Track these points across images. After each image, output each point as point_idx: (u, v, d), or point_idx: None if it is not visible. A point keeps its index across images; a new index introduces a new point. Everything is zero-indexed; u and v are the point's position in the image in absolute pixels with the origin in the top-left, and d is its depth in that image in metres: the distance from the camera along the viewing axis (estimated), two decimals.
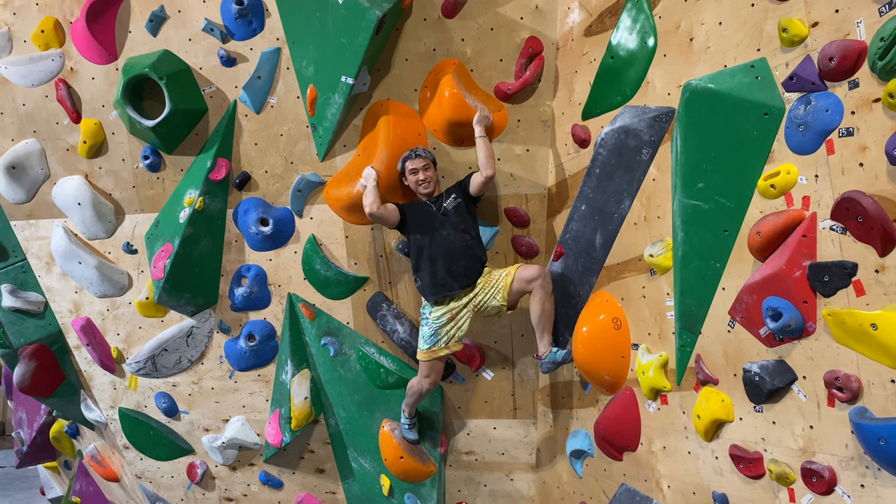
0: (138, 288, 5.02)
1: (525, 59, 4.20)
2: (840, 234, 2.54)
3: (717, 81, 2.93)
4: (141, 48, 4.63)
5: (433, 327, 4.13)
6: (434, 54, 4.30)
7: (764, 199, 2.84)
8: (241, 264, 4.82)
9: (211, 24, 4.46)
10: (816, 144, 2.62)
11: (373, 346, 4.71)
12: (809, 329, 2.67)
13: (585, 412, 4.12)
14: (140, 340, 5.12)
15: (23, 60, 4.80)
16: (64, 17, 4.72)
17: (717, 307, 3.08)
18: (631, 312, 3.68)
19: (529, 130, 4.30)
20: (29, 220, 5.12)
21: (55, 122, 4.88)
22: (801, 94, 2.69)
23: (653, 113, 3.43)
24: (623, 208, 3.67)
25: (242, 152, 4.66)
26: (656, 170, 3.45)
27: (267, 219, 4.69)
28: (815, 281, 2.62)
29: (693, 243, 3.11)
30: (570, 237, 4.04)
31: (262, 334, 4.86)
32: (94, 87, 4.76)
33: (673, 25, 3.35)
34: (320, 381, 4.82)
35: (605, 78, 3.78)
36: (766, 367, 2.84)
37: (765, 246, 2.80)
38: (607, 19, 3.79)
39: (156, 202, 4.87)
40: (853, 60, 2.48)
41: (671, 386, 3.39)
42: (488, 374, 4.63)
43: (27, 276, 5.24)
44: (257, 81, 4.49)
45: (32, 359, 5.25)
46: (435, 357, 4.17)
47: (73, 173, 4.95)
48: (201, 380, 5.10)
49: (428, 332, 4.15)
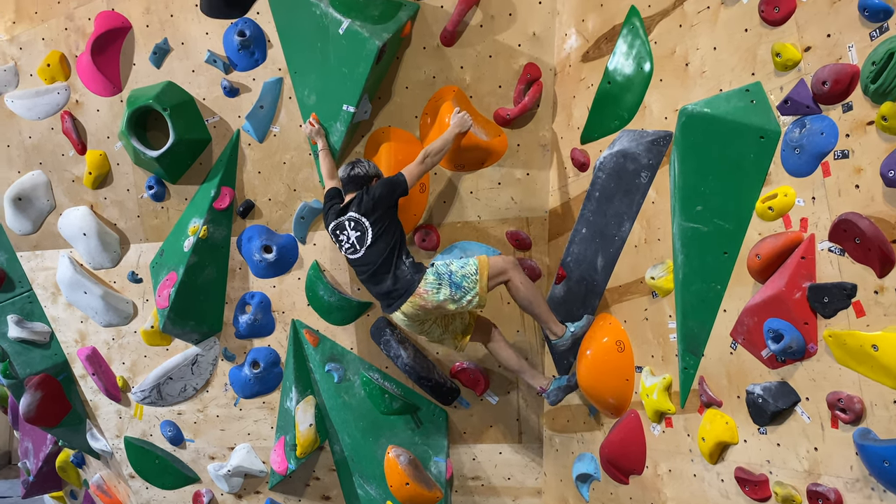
0: (143, 317, 5.05)
1: (523, 84, 4.25)
2: (838, 256, 2.55)
3: (713, 105, 2.96)
4: (145, 80, 4.69)
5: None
6: (434, 82, 4.35)
7: (762, 221, 2.86)
8: (244, 291, 4.85)
9: (214, 55, 4.53)
10: (812, 167, 2.65)
11: (377, 371, 4.71)
12: (811, 350, 2.67)
13: (591, 435, 4.11)
14: (145, 369, 5.13)
15: (29, 94, 4.87)
16: (69, 50, 4.79)
17: (719, 329, 3.09)
18: (634, 335, 3.69)
19: (529, 155, 4.33)
20: (35, 250, 5.16)
21: (61, 153, 4.93)
22: (795, 118, 2.72)
23: (650, 137, 3.47)
24: (623, 231, 3.69)
25: (246, 181, 4.70)
26: (655, 192, 3.48)
27: (270, 246, 4.72)
28: (815, 302, 2.63)
29: (693, 265, 3.12)
30: (571, 260, 4.06)
31: (266, 361, 4.87)
32: (99, 118, 4.82)
33: (668, 50, 3.40)
34: (325, 408, 4.82)
35: (602, 102, 3.82)
36: (769, 389, 2.84)
37: (764, 268, 2.82)
38: (604, 45, 3.84)
39: (160, 231, 4.91)
40: (846, 84, 2.51)
41: (675, 408, 3.39)
42: (493, 399, 4.62)
43: (33, 307, 5.26)
44: (260, 111, 4.55)
45: (38, 389, 5.26)
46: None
47: (79, 204, 4.99)
48: (206, 408, 5.10)
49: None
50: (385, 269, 3.83)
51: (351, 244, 3.92)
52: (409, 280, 3.79)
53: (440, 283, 3.75)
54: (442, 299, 3.74)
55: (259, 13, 4.41)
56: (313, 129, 4.27)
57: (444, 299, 3.74)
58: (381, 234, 3.84)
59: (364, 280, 3.99)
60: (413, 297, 3.76)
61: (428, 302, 3.75)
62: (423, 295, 3.75)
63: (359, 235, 3.86)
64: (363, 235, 3.85)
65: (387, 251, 3.83)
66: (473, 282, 3.76)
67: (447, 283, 3.75)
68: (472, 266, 3.81)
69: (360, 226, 3.86)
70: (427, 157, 3.96)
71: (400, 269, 3.83)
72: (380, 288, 3.89)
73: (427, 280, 3.76)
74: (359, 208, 3.88)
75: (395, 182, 3.90)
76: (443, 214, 4.48)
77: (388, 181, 3.91)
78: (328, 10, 4.09)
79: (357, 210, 3.88)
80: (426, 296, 3.74)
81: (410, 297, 3.76)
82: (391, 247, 3.85)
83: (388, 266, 3.82)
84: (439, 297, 3.74)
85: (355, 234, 3.88)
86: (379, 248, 3.83)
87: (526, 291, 3.86)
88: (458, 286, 3.75)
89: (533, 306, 3.89)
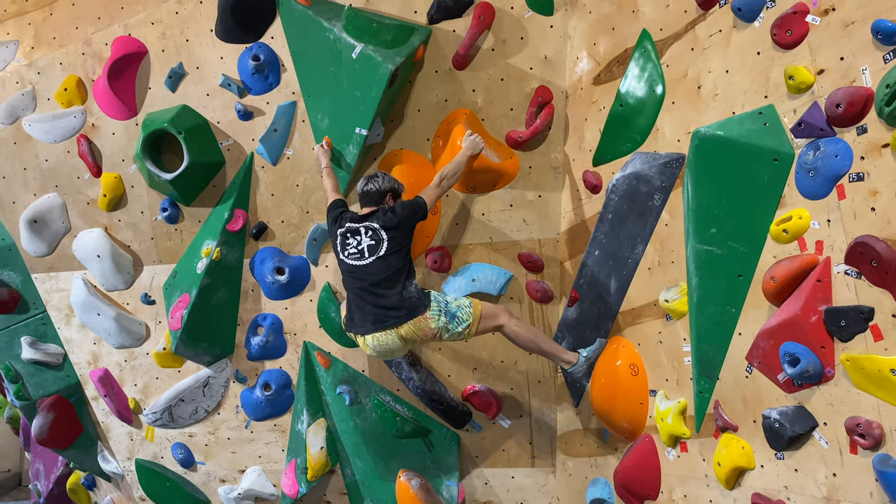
0: (156, 338, 5.06)
1: (535, 107, 4.26)
2: (855, 279, 2.53)
3: (726, 128, 2.96)
4: (160, 103, 4.75)
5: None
6: (446, 105, 4.38)
7: (777, 243, 2.85)
8: (257, 313, 4.86)
9: (228, 79, 4.58)
10: (827, 189, 2.64)
11: (388, 394, 4.70)
12: (828, 374, 2.64)
13: (604, 460, 4.07)
14: (157, 391, 5.13)
15: (46, 118, 4.93)
16: (86, 75, 4.86)
17: (734, 353, 3.06)
18: (648, 358, 3.66)
19: (541, 177, 4.34)
20: (50, 272, 5.19)
21: (76, 176, 4.98)
22: (809, 140, 2.71)
23: (663, 159, 3.47)
24: (637, 253, 3.68)
25: (259, 203, 4.73)
26: (668, 215, 3.47)
27: (283, 268, 4.73)
28: (831, 326, 2.60)
29: (708, 288, 3.10)
30: (584, 282, 4.05)
31: (277, 383, 4.86)
32: (115, 141, 4.87)
33: (680, 73, 3.41)
34: (336, 431, 4.80)
35: (614, 125, 3.83)
36: (786, 414, 2.80)
37: (779, 291, 2.79)
38: (615, 68, 3.86)
39: (174, 253, 4.94)
40: (860, 106, 2.51)
41: (690, 433, 3.35)
42: (505, 422, 4.59)
43: (47, 328, 5.29)
44: (274, 134, 4.59)
45: (51, 410, 5.27)
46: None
47: (94, 226, 5.04)
48: (217, 430, 5.09)
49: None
50: (390, 284, 3.80)
51: (359, 250, 3.85)
52: (416, 301, 3.79)
53: (439, 311, 3.79)
54: (438, 327, 3.78)
55: (273, 38, 4.47)
56: (321, 149, 4.32)
57: (439, 327, 3.78)
58: (396, 251, 3.83)
59: (358, 290, 3.87)
60: (418, 320, 3.75)
61: (428, 328, 3.77)
62: (429, 317, 3.76)
63: (372, 245, 3.83)
64: (377, 245, 3.82)
65: (397, 267, 3.81)
66: (468, 314, 3.82)
67: (444, 311, 3.80)
68: (465, 301, 3.88)
69: (377, 236, 3.83)
70: (443, 181, 3.98)
71: (408, 289, 3.82)
72: (378, 301, 3.80)
73: (431, 307, 3.79)
74: (381, 222, 3.85)
75: (417, 205, 3.90)
76: (455, 237, 4.48)
77: (411, 204, 3.91)
78: (341, 35, 4.14)
79: (378, 222, 3.86)
80: (430, 322, 3.76)
81: (415, 318, 3.75)
82: (402, 265, 3.85)
83: (394, 283, 3.80)
84: (438, 324, 3.77)
85: (369, 241, 3.84)
86: (389, 263, 3.81)
87: (524, 332, 3.90)
88: (453, 316, 3.80)
89: (537, 343, 3.91)
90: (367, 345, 3.87)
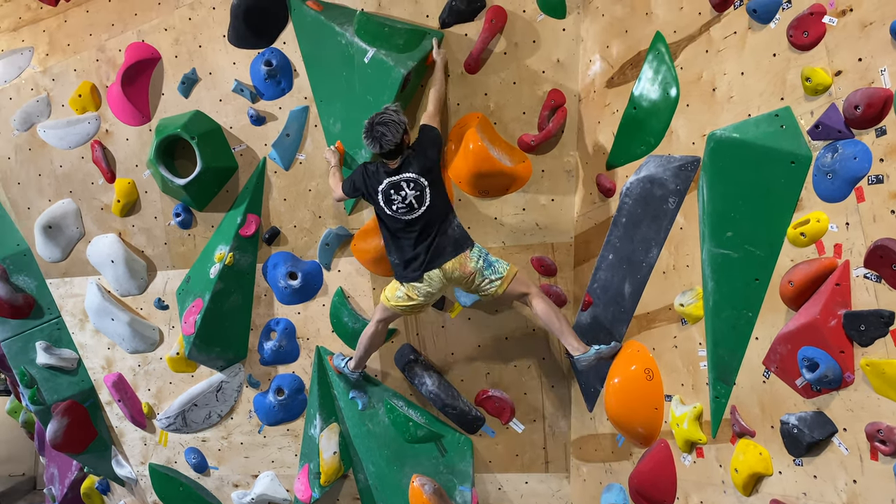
0: (169, 343, 5.07)
1: (548, 111, 4.25)
2: (875, 283, 2.49)
3: (742, 131, 2.93)
4: (173, 109, 4.77)
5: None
6: (458, 108, 4.37)
7: (794, 247, 2.81)
8: (270, 318, 4.86)
9: (241, 84, 4.59)
10: (846, 192, 2.60)
11: (401, 399, 4.68)
12: (848, 379, 2.61)
13: (619, 465, 4.04)
14: (170, 396, 5.15)
15: (61, 124, 4.97)
16: (100, 81, 4.89)
17: (751, 357, 3.03)
18: (663, 363, 3.63)
19: (554, 180, 4.32)
20: (64, 277, 5.22)
21: (90, 182, 5.01)
22: (827, 142, 2.68)
23: (678, 162, 3.44)
24: (651, 257, 3.65)
25: (272, 208, 4.74)
26: (683, 218, 3.44)
27: (295, 272, 4.73)
28: (851, 330, 2.57)
29: (724, 292, 3.07)
30: (598, 286, 4.02)
31: (290, 388, 4.86)
32: (129, 147, 4.90)
33: (695, 76, 3.38)
34: (349, 436, 4.79)
35: (628, 128, 3.81)
36: (805, 419, 2.77)
37: (797, 295, 2.76)
38: (629, 71, 3.83)
39: (187, 258, 4.95)
40: (879, 108, 2.48)
41: (707, 438, 3.32)
42: (519, 427, 4.57)
43: (61, 333, 5.32)
44: (286, 139, 4.59)
45: (65, 415, 5.29)
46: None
47: (107, 231, 5.06)
48: (231, 435, 5.10)
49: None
50: (441, 226, 3.94)
51: (407, 204, 3.91)
52: (460, 237, 3.96)
53: (479, 255, 3.94)
54: (476, 268, 3.90)
55: (285, 43, 4.47)
56: (331, 152, 4.38)
57: (476, 269, 3.90)
58: (438, 194, 3.95)
59: (409, 240, 3.94)
60: (461, 256, 3.90)
61: (467, 266, 3.90)
62: (469, 257, 3.90)
63: (417, 195, 3.90)
64: (422, 196, 3.90)
65: (444, 210, 3.96)
66: (504, 268, 3.94)
67: (483, 257, 3.94)
68: (503, 262, 4.00)
69: (418, 185, 3.90)
70: (439, 103, 4.17)
71: (451, 227, 3.97)
72: (425, 244, 3.92)
73: (473, 248, 3.94)
74: (418, 169, 3.91)
75: (437, 138, 4.04)
76: None
77: (433, 140, 4.01)
78: (354, 40, 4.15)
79: (415, 171, 3.91)
80: (470, 262, 3.90)
81: (459, 255, 3.90)
82: (446, 206, 3.98)
83: (444, 223, 3.94)
84: (476, 265, 3.90)
85: (413, 192, 3.90)
86: (438, 208, 3.93)
87: (548, 307, 3.95)
88: (490, 264, 3.94)
89: (557, 322, 3.92)
90: (416, 290, 3.97)
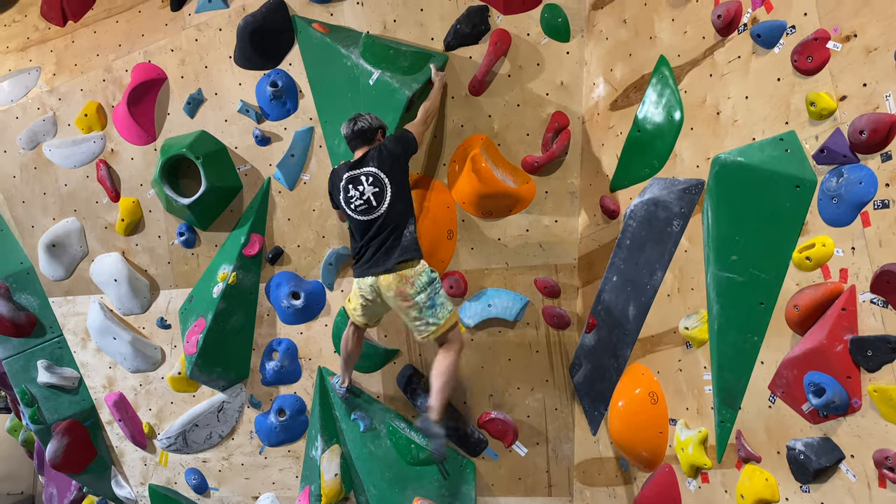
0: (171, 363, 5.06)
1: (551, 133, 4.26)
2: (881, 308, 2.48)
3: (747, 155, 2.94)
4: (179, 129, 4.79)
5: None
6: (462, 130, 4.39)
7: (800, 271, 2.80)
8: (272, 338, 4.85)
9: (246, 105, 4.61)
10: (851, 217, 2.60)
11: (403, 420, 4.65)
12: (855, 405, 2.58)
13: (623, 490, 4.00)
14: (171, 416, 5.12)
15: (66, 143, 4.99)
16: (107, 101, 4.91)
17: (757, 381, 3.01)
18: (667, 386, 3.61)
19: (557, 202, 4.32)
20: (67, 296, 5.22)
21: (95, 200, 5.02)
22: (832, 167, 2.68)
23: (682, 185, 3.44)
24: (655, 280, 3.64)
25: (275, 227, 4.74)
26: (688, 241, 3.44)
27: (298, 292, 4.73)
28: (857, 355, 2.55)
29: (729, 316, 3.06)
30: (602, 308, 4.01)
31: (292, 409, 4.83)
32: (133, 166, 4.92)
33: (699, 99, 3.39)
34: (350, 457, 4.75)
35: (632, 150, 3.81)
36: (812, 445, 2.74)
37: (803, 319, 2.75)
38: (632, 94, 3.85)
39: (190, 277, 4.95)
40: (884, 133, 2.47)
41: (712, 463, 3.29)
42: (522, 450, 4.53)
43: (63, 352, 5.31)
44: (291, 159, 4.61)
45: (65, 435, 5.26)
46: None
47: (111, 250, 5.06)
48: (231, 455, 5.06)
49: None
50: (393, 229, 3.81)
51: (365, 200, 3.81)
52: (410, 245, 3.79)
53: (425, 288, 3.78)
54: (417, 301, 3.77)
55: (291, 64, 4.50)
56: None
57: (416, 302, 3.77)
58: (399, 194, 3.83)
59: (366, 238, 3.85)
60: (402, 275, 3.75)
61: (406, 291, 3.75)
62: (412, 282, 3.75)
63: (377, 192, 3.79)
64: (382, 193, 3.79)
65: (404, 214, 3.84)
66: (445, 315, 3.83)
67: (430, 293, 3.79)
68: (449, 306, 3.88)
69: (378, 182, 3.79)
70: (427, 117, 4.07)
71: (406, 232, 3.83)
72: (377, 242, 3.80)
73: (420, 277, 3.78)
74: (378, 163, 3.82)
75: (409, 139, 3.92)
76: (471, 261, 4.47)
77: (403, 138, 3.92)
78: (359, 62, 4.17)
79: (375, 164, 3.82)
80: (410, 288, 3.75)
81: (404, 267, 3.75)
82: (407, 210, 3.86)
83: (398, 228, 3.81)
84: (417, 297, 3.76)
85: (372, 189, 3.80)
86: (397, 211, 3.82)
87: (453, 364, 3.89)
88: (433, 306, 3.80)
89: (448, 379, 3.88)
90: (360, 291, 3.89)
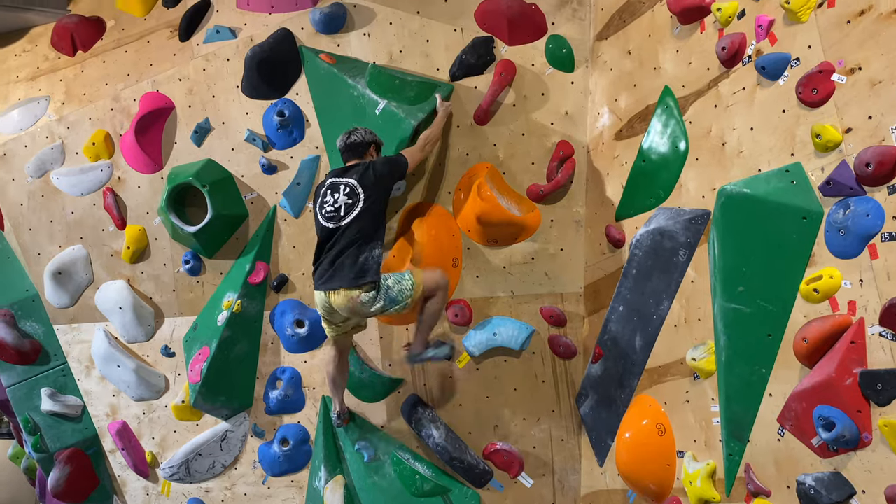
0: (175, 391, 5.03)
1: (556, 161, 4.27)
2: (891, 341, 2.46)
3: (753, 186, 2.94)
4: (186, 157, 4.82)
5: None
6: (467, 159, 4.40)
7: (808, 303, 2.78)
8: (276, 366, 4.82)
9: (253, 134, 4.64)
10: (859, 249, 2.59)
11: (408, 451, 4.61)
12: (865, 440, 2.55)
13: None
14: (174, 445, 5.08)
15: (74, 171, 5.02)
16: (114, 129, 4.95)
17: (765, 414, 2.98)
18: (675, 418, 3.57)
19: (563, 231, 4.32)
20: (72, 323, 5.21)
21: (101, 228, 5.04)
22: (838, 199, 2.68)
23: (688, 215, 3.44)
24: (662, 310, 3.62)
25: (281, 255, 4.75)
26: (694, 272, 3.43)
27: (303, 320, 4.71)
28: (867, 389, 2.52)
29: (736, 347, 3.04)
30: (608, 338, 3.98)
31: (295, 439, 4.80)
32: (140, 195, 4.94)
33: (704, 130, 3.40)
34: (354, 488, 4.70)
35: (637, 180, 3.82)
36: (822, 480, 2.70)
37: (811, 352, 2.72)
38: (637, 124, 3.86)
39: (195, 305, 4.94)
40: (890, 166, 2.47)
41: (720, 497, 3.24)
42: (528, 482, 4.48)
43: (67, 380, 5.29)
44: (297, 187, 4.63)
45: (68, 463, 5.22)
46: None
47: (116, 278, 5.07)
48: (234, 485, 5.02)
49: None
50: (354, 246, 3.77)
51: (335, 208, 3.81)
52: (365, 268, 3.75)
53: (376, 298, 3.79)
54: (374, 310, 3.82)
55: (298, 94, 4.54)
56: None
57: (374, 311, 3.83)
58: (370, 212, 3.80)
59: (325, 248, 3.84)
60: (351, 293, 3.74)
61: (359, 309, 3.81)
62: (358, 299, 3.76)
63: (349, 203, 3.79)
64: (353, 206, 3.78)
65: (369, 233, 3.80)
66: (407, 296, 3.86)
67: (383, 297, 3.80)
68: (407, 282, 3.88)
69: (354, 194, 3.79)
70: (426, 144, 4.07)
71: (367, 254, 3.78)
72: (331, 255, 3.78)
73: (368, 294, 3.77)
74: (360, 177, 3.83)
75: (398, 162, 3.92)
76: (476, 289, 4.46)
77: (393, 160, 3.92)
78: (365, 92, 4.21)
79: (357, 178, 3.83)
80: (360, 306, 3.78)
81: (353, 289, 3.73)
82: (374, 231, 3.83)
83: (360, 247, 3.77)
84: (375, 307, 3.80)
85: (346, 199, 3.80)
86: (361, 225, 3.78)
87: (436, 308, 4.01)
88: (392, 300, 3.83)
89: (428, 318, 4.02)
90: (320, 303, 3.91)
